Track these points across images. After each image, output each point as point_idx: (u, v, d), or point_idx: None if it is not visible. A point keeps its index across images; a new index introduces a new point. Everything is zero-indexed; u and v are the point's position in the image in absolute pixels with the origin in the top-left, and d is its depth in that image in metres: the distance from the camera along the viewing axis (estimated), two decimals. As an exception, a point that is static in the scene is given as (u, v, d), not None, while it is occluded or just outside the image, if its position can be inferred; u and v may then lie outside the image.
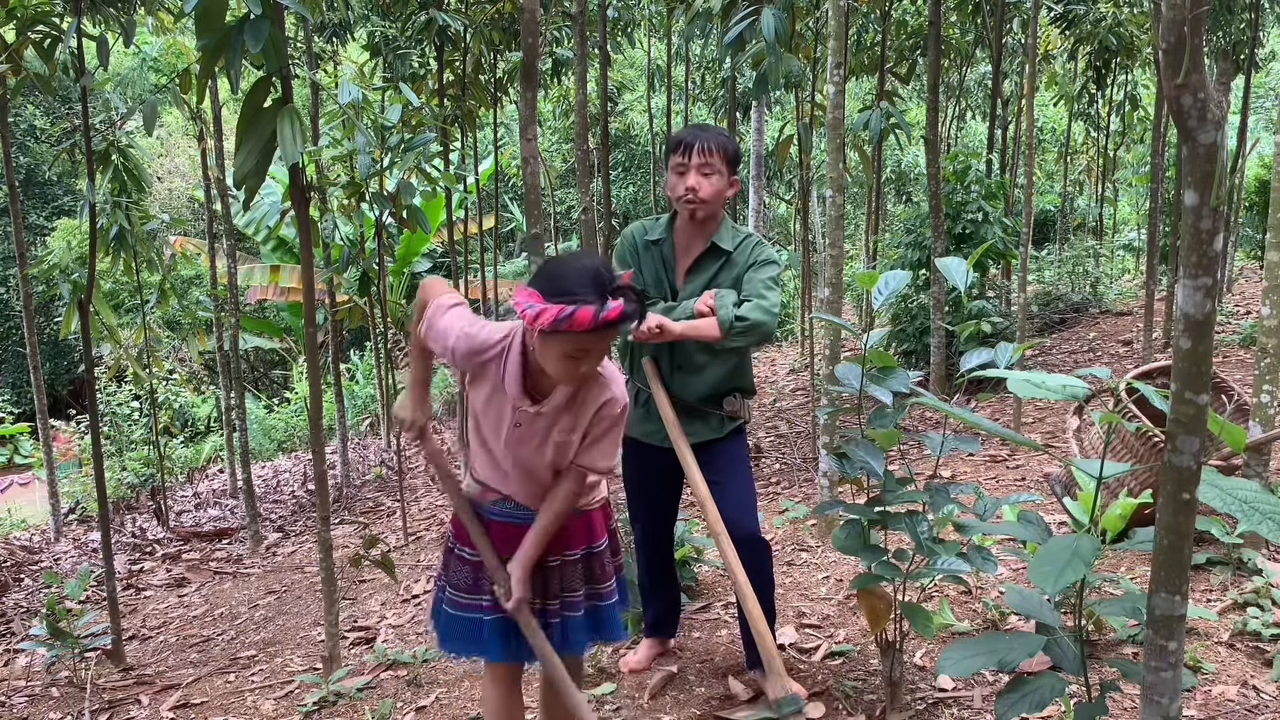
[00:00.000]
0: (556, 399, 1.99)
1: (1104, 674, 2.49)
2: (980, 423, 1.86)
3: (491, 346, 1.99)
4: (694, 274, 2.77)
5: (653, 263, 2.81)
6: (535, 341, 1.90)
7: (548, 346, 1.87)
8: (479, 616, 2.14)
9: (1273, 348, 3.37)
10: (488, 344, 1.99)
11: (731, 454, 2.81)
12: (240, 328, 8.68)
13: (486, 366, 2.00)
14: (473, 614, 2.14)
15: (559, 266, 1.88)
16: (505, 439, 2.04)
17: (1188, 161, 1.36)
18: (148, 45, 11.14)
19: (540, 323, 1.79)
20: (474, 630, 2.14)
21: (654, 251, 2.80)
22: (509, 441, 2.04)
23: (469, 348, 2.00)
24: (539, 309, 1.80)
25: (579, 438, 2.05)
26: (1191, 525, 1.48)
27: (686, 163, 2.64)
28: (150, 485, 8.96)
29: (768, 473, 6.17)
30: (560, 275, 1.84)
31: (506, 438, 2.04)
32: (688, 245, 2.78)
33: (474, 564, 2.14)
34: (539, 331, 1.84)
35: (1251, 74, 9.31)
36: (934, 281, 7.00)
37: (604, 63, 7.02)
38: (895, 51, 8.93)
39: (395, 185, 5.37)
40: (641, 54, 15.44)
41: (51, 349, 16.04)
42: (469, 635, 2.15)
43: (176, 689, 3.74)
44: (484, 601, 2.13)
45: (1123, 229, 17.68)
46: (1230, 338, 7.91)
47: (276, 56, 2.90)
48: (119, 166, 5.78)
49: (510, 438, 2.03)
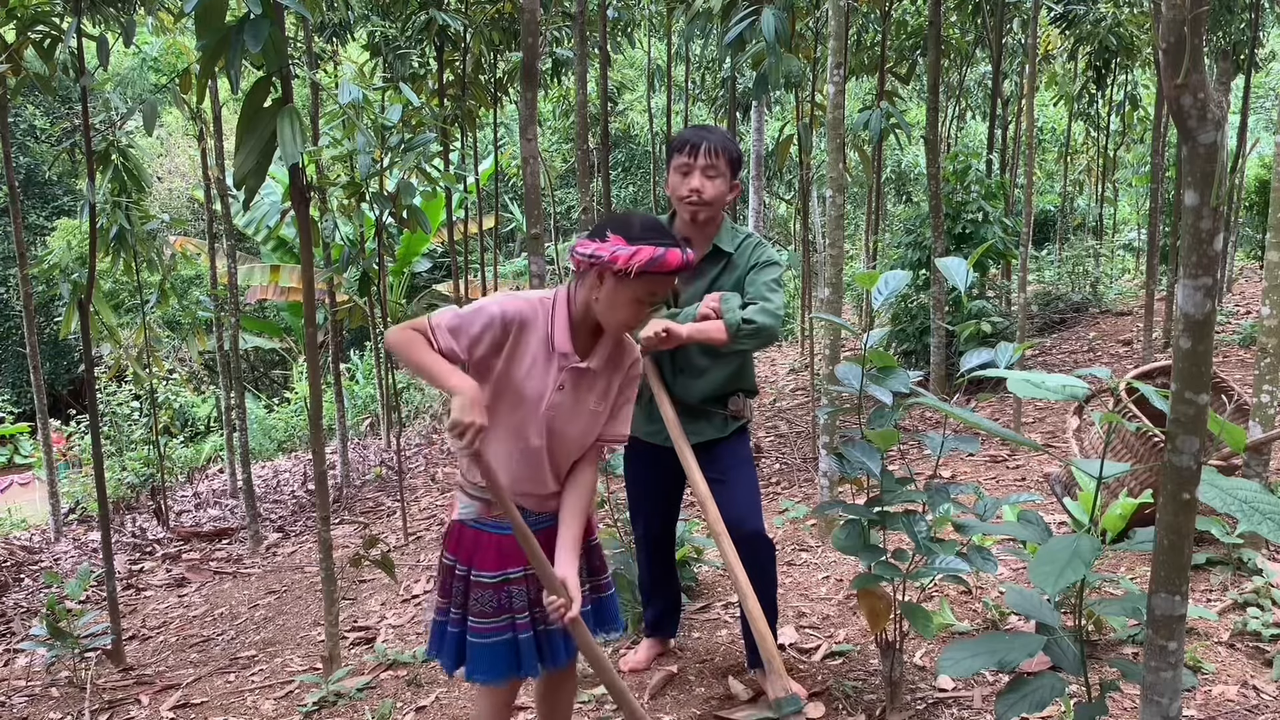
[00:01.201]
0: (599, 356, 2.00)
1: (1104, 674, 2.49)
2: (980, 423, 1.86)
3: (534, 307, 1.97)
4: (695, 277, 2.75)
5: None
6: (604, 289, 1.90)
7: (624, 290, 1.89)
8: (512, 637, 2.05)
9: (1273, 348, 3.37)
10: (530, 304, 1.97)
11: (735, 453, 2.81)
12: (240, 328, 8.68)
13: (526, 332, 1.96)
14: (505, 636, 2.04)
15: (629, 216, 1.93)
16: (546, 406, 1.98)
17: (1188, 161, 1.36)
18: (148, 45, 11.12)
19: (636, 261, 1.83)
20: (511, 654, 2.05)
21: None
22: (550, 409, 1.99)
23: (513, 314, 1.93)
24: (632, 250, 1.84)
25: (607, 408, 2.07)
26: (1191, 525, 1.48)
27: (691, 163, 2.63)
28: (150, 485, 8.96)
29: (768, 473, 6.17)
30: (636, 223, 1.90)
31: (548, 405, 1.98)
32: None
33: (494, 586, 2.05)
34: (618, 275, 1.86)
35: (1251, 74, 9.31)
36: (934, 281, 7.00)
37: (604, 63, 7.02)
38: (895, 51, 8.93)
39: (395, 185, 5.37)
40: (641, 54, 15.44)
41: (51, 349, 16.04)
42: (507, 660, 2.05)
43: (176, 689, 3.74)
44: (517, 620, 2.05)
45: (1123, 229, 17.68)
46: (1230, 338, 7.91)
47: (276, 56, 2.90)
48: (119, 166, 5.78)
49: (551, 404, 1.99)
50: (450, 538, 2.12)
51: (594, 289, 1.93)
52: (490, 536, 2.06)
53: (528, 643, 2.06)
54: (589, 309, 1.97)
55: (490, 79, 8.54)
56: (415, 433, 11.34)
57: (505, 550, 2.05)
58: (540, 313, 1.98)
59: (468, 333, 1.92)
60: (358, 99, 4.95)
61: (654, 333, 2.53)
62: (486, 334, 1.93)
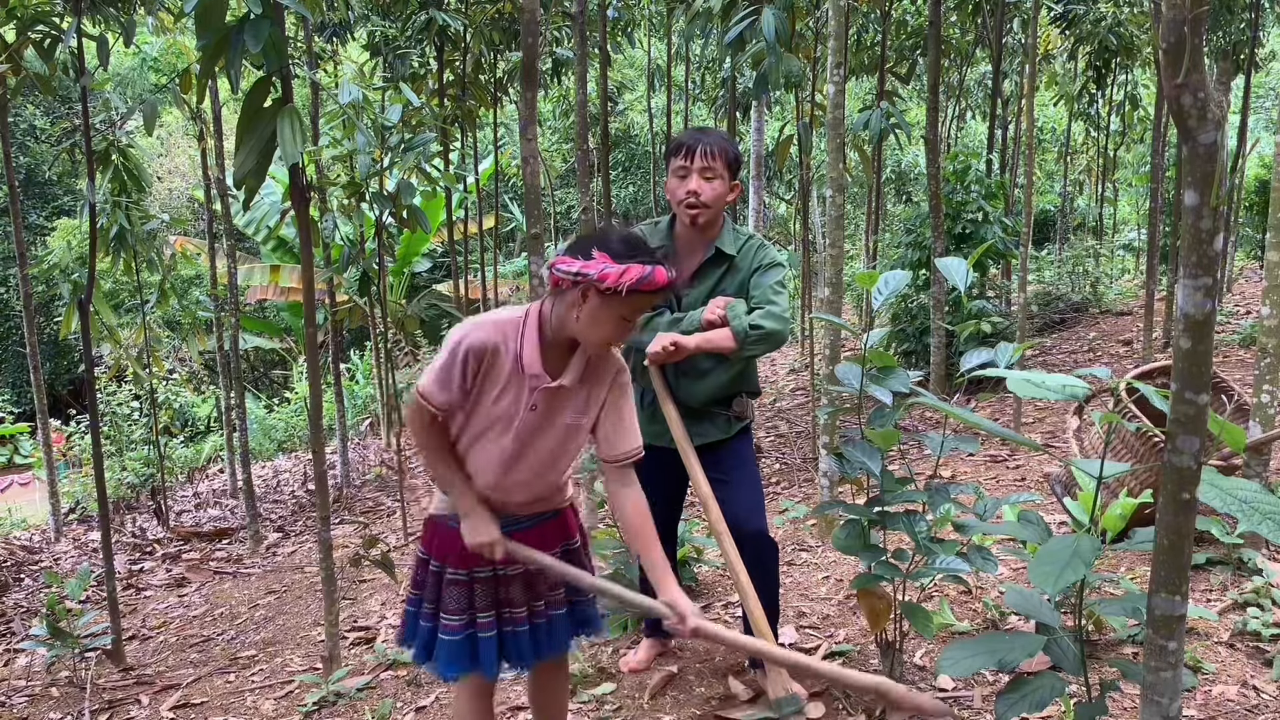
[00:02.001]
0: (572, 373, 1.99)
1: (1104, 674, 2.49)
2: (980, 423, 1.86)
3: (501, 330, 1.96)
4: (697, 281, 2.72)
5: None
6: (587, 306, 1.88)
7: (609, 308, 1.87)
8: (472, 634, 2.09)
9: (1273, 348, 3.37)
10: (496, 328, 1.96)
11: (739, 453, 2.80)
12: (240, 328, 8.68)
13: (498, 358, 1.96)
14: (467, 633, 2.09)
15: (612, 233, 1.92)
16: (516, 431, 1.99)
17: (1188, 161, 1.36)
18: (148, 45, 11.14)
19: (626, 280, 1.81)
20: (468, 650, 2.09)
21: None
22: (520, 432, 2.00)
23: (479, 345, 1.94)
24: (621, 268, 1.82)
25: (590, 420, 2.06)
26: (1191, 525, 1.48)
27: (689, 165, 2.60)
28: (150, 485, 8.96)
29: (768, 473, 6.18)
30: (622, 240, 1.89)
31: (519, 428, 1.99)
32: (689, 251, 2.72)
33: (466, 584, 2.08)
34: (604, 293, 1.84)
35: (1251, 74, 9.30)
36: (934, 281, 7.00)
37: (604, 63, 7.02)
38: (895, 51, 8.93)
39: (395, 185, 5.37)
40: (641, 54, 15.44)
41: (51, 349, 16.04)
42: (467, 655, 2.09)
43: (176, 689, 3.74)
44: (479, 619, 2.08)
45: (1123, 229, 17.69)
46: (1230, 338, 7.91)
47: (276, 56, 2.90)
48: (119, 166, 5.78)
49: (523, 426, 1.99)
50: (426, 532, 2.16)
51: (575, 306, 1.90)
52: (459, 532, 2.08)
53: (488, 643, 2.08)
54: (565, 326, 1.95)
55: (490, 79, 8.54)
56: (415, 433, 11.31)
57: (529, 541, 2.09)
58: (509, 335, 1.96)
59: (452, 380, 1.96)
60: (358, 99, 4.95)
61: (662, 346, 2.53)
62: (465, 370, 1.95)
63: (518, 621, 2.12)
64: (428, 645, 2.12)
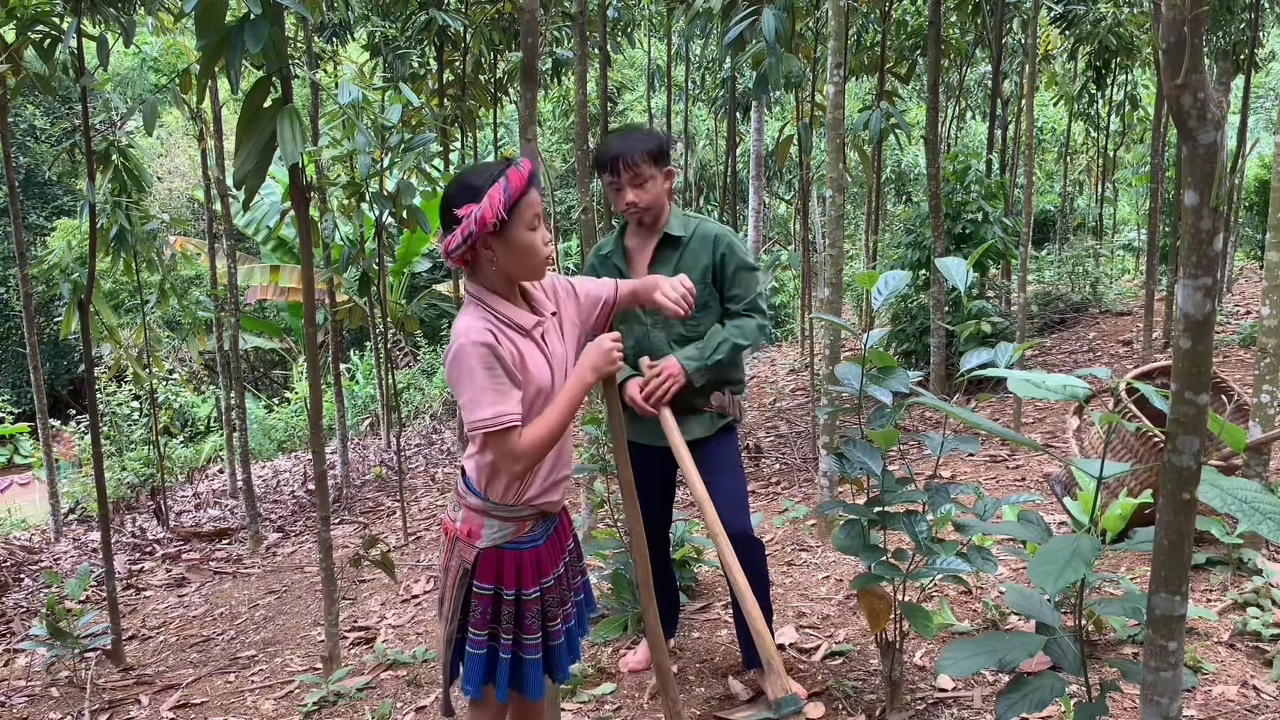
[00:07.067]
0: (538, 300, 2.07)
1: (1104, 674, 2.49)
2: (980, 423, 1.86)
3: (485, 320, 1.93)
4: (655, 268, 2.81)
5: (610, 275, 2.83)
6: (498, 252, 1.91)
7: (511, 235, 1.90)
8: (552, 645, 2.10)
9: (1273, 348, 3.37)
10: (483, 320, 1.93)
11: (721, 453, 2.83)
12: (240, 328, 8.68)
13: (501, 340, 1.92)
14: (547, 644, 2.10)
15: (452, 190, 1.94)
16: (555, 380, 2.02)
17: (1188, 161, 1.36)
18: (148, 45, 11.13)
19: (496, 204, 1.84)
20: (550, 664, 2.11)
21: (609, 264, 2.86)
22: (560, 364, 2.05)
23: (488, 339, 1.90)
24: (482, 205, 1.85)
25: (583, 323, 2.19)
26: (1191, 525, 1.48)
27: (618, 180, 2.70)
28: (150, 485, 8.97)
29: (768, 473, 6.17)
30: (460, 189, 1.91)
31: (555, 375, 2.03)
32: (642, 245, 2.85)
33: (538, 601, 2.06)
34: (495, 233, 1.87)
35: (1251, 74, 9.30)
36: (934, 281, 7.00)
37: (604, 63, 7.02)
38: (895, 51, 8.93)
39: (395, 185, 5.37)
40: (641, 54, 15.44)
41: (51, 349, 16.04)
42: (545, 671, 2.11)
43: (176, 689, 3.74)
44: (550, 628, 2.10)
45: (1123, 229, 17.69)
46: (1230, 338, 7.91)
47: (276, 56, 2.90)
48: (119, 166, 5.77)
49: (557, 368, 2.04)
50: (481, 567, 2.02)
51: (490, 261, 1.93)
52: (527, 554, 2.04)
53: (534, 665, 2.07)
54: (501, 280, 1.97)
55: (490, 79, 8.53)
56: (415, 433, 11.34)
57: (541, 560, 2.07)
58: (486, 321, 1.94)
59: (504, 383, 1.90)
60: (358, 99, 4.95)
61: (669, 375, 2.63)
62: (502, 365, 1.90)
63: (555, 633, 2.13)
64: (511, 677, 2.07)
